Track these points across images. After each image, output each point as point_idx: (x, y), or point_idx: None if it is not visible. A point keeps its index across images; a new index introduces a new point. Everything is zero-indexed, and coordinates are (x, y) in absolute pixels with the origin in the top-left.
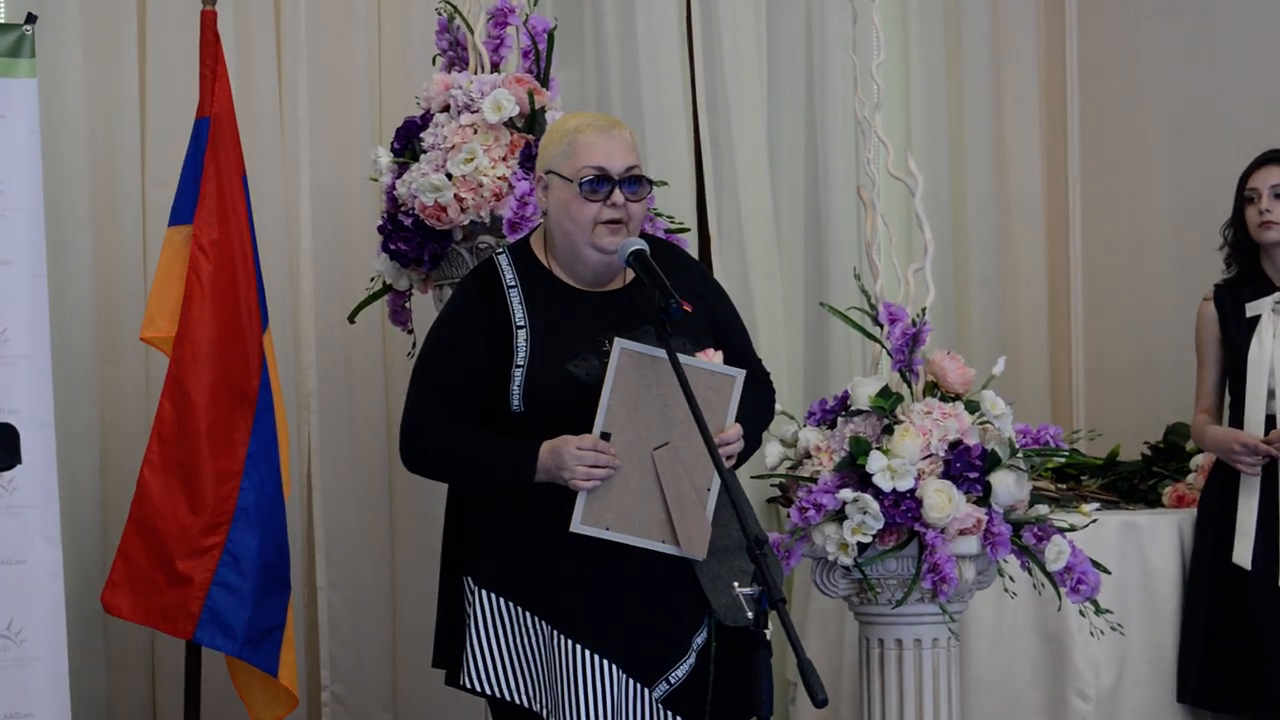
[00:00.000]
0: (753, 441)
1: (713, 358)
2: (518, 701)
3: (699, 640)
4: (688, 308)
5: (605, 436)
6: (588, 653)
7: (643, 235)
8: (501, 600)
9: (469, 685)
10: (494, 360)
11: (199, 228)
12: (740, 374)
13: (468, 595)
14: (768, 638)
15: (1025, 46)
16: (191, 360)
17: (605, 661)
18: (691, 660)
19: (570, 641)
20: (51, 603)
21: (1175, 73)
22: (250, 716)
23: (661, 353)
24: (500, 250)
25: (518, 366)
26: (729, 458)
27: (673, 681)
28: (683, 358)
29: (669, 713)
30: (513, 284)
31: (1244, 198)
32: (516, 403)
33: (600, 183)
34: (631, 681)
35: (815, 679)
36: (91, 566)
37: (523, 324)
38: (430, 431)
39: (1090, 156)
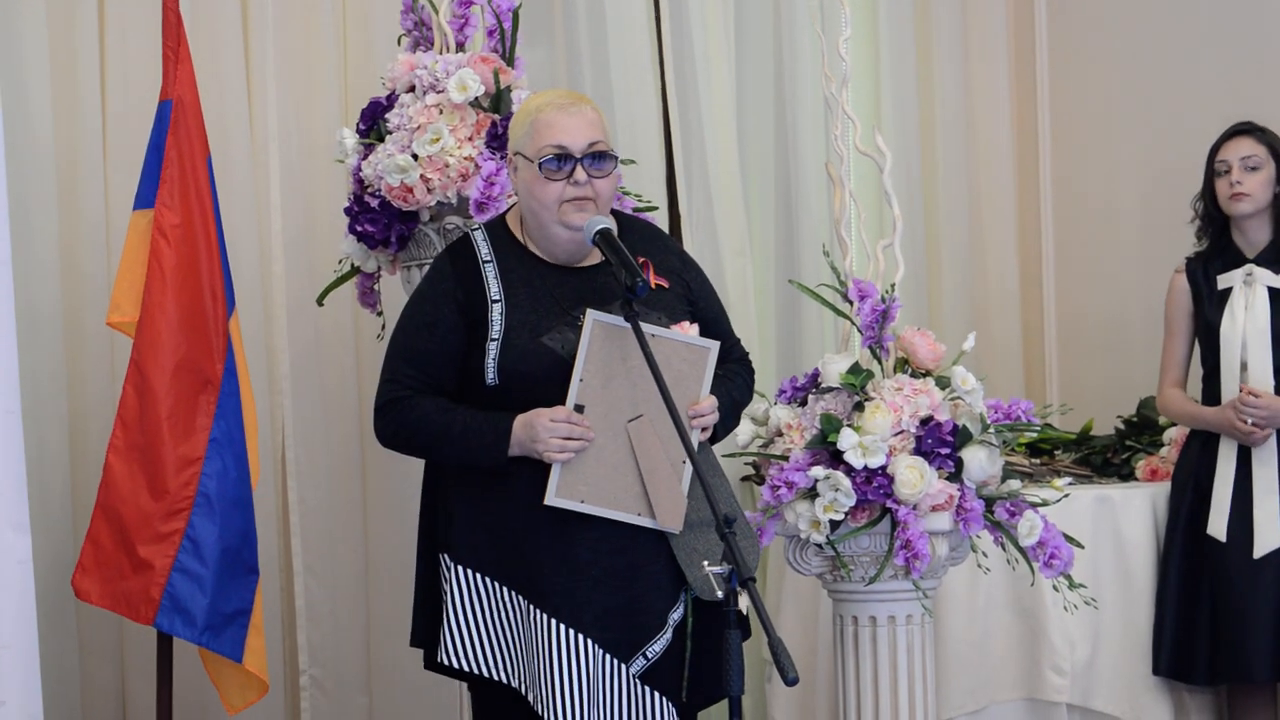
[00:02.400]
0: (732, 419)
1: (687, 330)
2: (495, 677)
3: (676, 615)
4: (661, 283)
5: (579, 409)
6: (563, 628)
7: (618, 214)
8: (477, 576)
9: (446, 662)
10: (468, 334)
11: (160, 212)
12: (714, 345)
13: (444, 572)
14: (744, 614)
15: (994, 20)
16: (152, 346)
17: (581, 637)
18: (669, 635)
19: (546, 617)
20: (21, 590)
21: (1145, 43)
22: (223, 703)
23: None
24: (476, 227)
25: (492, 340)
26: (704, 430)
27: (649, 656)
28: (656, 330)
29: (646, 688)
30: (488, 259)
31: (1214, 170)
32: (491, 376)
33: (560, 161)
34: (608, 657)
35: (785, 657)
36: (62, 554)
37: (498, 298)
38: (404, 405)
39: (1060, 130)
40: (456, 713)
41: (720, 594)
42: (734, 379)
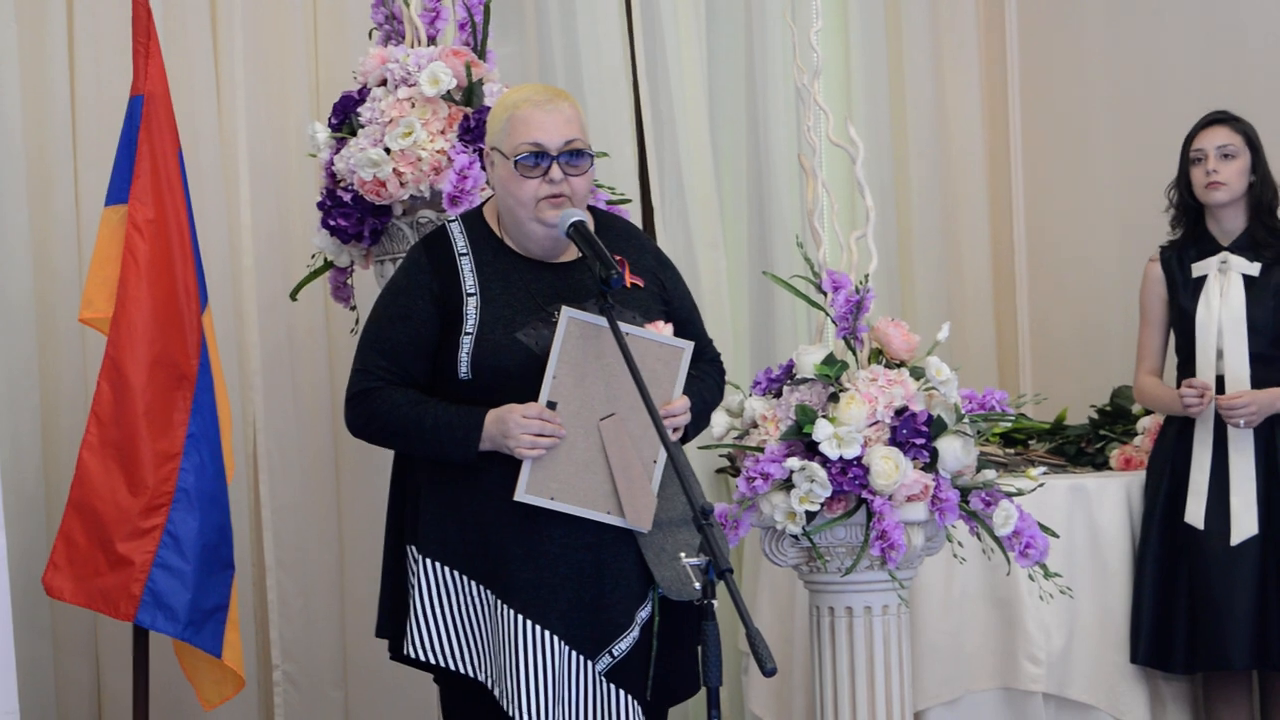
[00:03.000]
0: (701, 419)
1: (662, 329)
2: (461, 670)
3: (643, 614)
4: (636, 282)
5: (552, 406)
6: (530, 624)
7: (595, 211)
8: (445, 569)
9: (413, 655)
10: (442, 327)
11: (134, 207)
12: (688, 345)
13: (411, 564)
14: (714, 608)
15: (965, 11)
16: (128, 341)
17: (547, 634)
18: (635, 634)
19: (513, 612)
20: None
21: (1118, 33)
22: (198, 698)
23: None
24: (453, 219)
25: (466, 334)
26: (675, 430)
27: (616, 654)
28: (631, 329)
29: (612, 685)
30: (464, 252)
31: (1189, 159)
32: (464, 370)
33: (536, 159)
34: (574, 654)
35: (763, 648)
36: (36, 550)
37: (473, 291)
38: (376, 397)
39: (1032, 120)
40: (432, 707)
41: (698, 586)
42: (705, 379)
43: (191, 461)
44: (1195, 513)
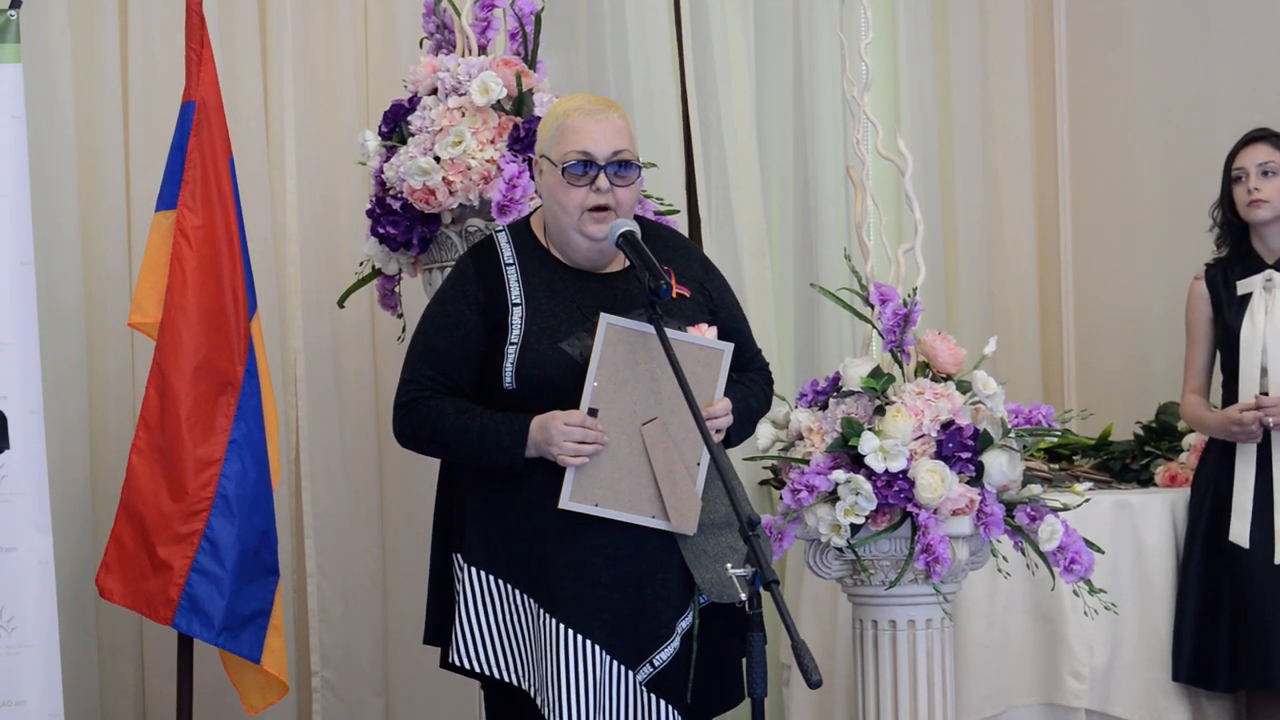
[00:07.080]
0: (745, 425)
1: (705, 333)
2: (506, 679)
3: (684, 624)
4: (682, 292)
5: (593, 412)
6: (572, 633)
7: (642, 221)
8: (490, 577)
9: (457, 662)
10: (488, 337)
11: (182, 214)
12: (729, 347)
13: (457, 572)
14: (760, 619)
15: (1013, 26)
16: (173, 347)
17: (589, 643)
18: (676, 644)
19: (555, 621)
20: (43, 590)
21: (1164, 49)
22: (242, 702)
23: (648, 327)
24: (500, 228)
25: (511, 344)
26: (717, 432)
27: (657, 664)
28: (671, 332)
29: (652, 695)
30: (510, 262)
31: (1231, 177)
32: (509, 380)
33: (584, 167)
34: (615, 663)
35: (809, 660)
36: (82, 553)
37: (519, 302)
38: (423, 406)
39: (1079, 135)
40: (475, 714)
41: (744, 596)
42: (750, 387)
43: (233, 468)
44: (1239, 532)
